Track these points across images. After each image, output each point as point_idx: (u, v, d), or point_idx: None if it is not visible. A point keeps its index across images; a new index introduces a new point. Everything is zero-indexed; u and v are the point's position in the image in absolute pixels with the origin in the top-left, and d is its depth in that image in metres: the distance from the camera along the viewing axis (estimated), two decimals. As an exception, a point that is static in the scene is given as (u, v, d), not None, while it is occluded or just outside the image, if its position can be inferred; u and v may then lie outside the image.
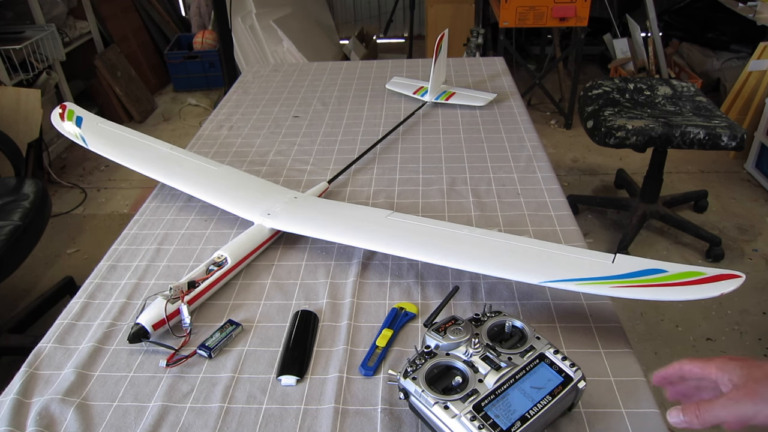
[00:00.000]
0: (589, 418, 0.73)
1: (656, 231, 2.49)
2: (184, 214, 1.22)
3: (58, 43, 3.10)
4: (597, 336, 0.86)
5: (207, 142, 1.54)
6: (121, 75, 3.61)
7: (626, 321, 2.02)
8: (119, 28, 3.84)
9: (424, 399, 0.67)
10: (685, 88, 2.35)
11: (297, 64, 2.10)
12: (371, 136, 1.49)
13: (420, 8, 4.50)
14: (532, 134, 1.47)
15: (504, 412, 0.65)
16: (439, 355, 0.72)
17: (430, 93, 1.68)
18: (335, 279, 1.00)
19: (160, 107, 3.90)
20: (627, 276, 0.84)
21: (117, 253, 1.11)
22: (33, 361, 0.87)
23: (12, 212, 1.67)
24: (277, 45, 3.66)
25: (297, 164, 1.40)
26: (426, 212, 1.17)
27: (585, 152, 3.12)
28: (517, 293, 0.95)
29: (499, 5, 3.03)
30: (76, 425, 0.76)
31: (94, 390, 0.81)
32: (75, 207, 2.82)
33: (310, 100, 1.77)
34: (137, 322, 0.86)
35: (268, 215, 1.09)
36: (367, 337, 0.88)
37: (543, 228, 1.11)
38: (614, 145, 2.06)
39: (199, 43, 3.97)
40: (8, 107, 2.55)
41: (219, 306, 0.96)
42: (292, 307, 0.95)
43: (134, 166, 1.28)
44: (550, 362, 0.71)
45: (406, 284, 0.98)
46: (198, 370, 0.84)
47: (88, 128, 1.41)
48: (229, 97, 1.83)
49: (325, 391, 0.79)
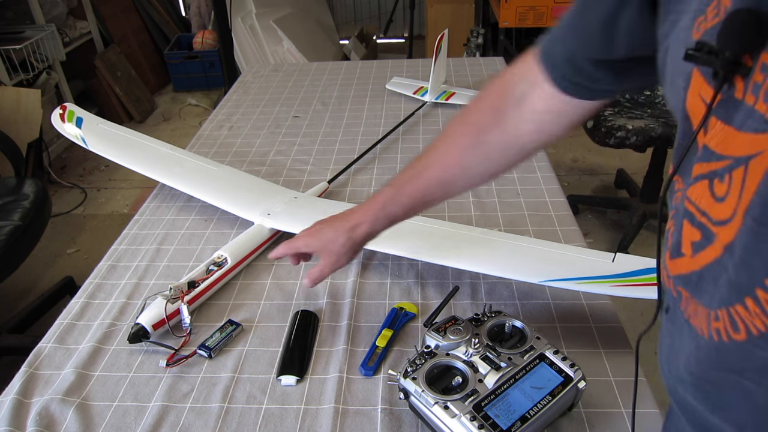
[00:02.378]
0: (589, 418, 0.73)
1: (656, 231, 2.49)
2: (184, 214, 1.22)
3: (58, 43, 3.09)
4: (597, 336, 0.86)
5: (207, 142, 1.54)
6: (121, 75, 3.61)
7: (626, 321, 2.02)
8: (119, 28, 3.84)
9: (424, 399, 0.67)
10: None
11: (297, 64, 2.10)
12: (371, 136, 1.49)
13: (420, 8, 4.50)
14: (532, 134, 1.47)
15: (504, 412, 0.65)
16: (439, 355, 0.72)
17: (430, 93, 1.68)
18: (335, 279, 1.00)
19: (160, 107, 3.90)
20: (627, 275, 0.84)
21: (117, 253, 1.11)
22: (33, 361, 0.87)
23: (12, 212, 1.67)
24: (277, 45, 3.66)
25: (297, 164, 1.40)
26: (426, 212, 1.17)
27: (585, 152, 3.12)
28: (517, 293, 0.95)
29: (499, 5, 3.03)
30: (76, 425, 0.76)
31: (94, 390, 0.81)
32: (75, 207, 2.82)
33: (310, 100, 1.77)
34: (137, 322, 0.86)
35: (268, 215, 1.09)
36: (367, 337, 0.88)
37: (543, 228, 1.11)
38: (614, 145, 2.06)
39: (199, 43, 3.96)
40: (8, 107, 2.55)
41: (219, 306, 0.96)
42: (292, 307, 0.95)
43: (134, 166, 1.28)
44: (550, 362, 0.71)
45: (406, 284, 0.98)
46: (198, 370, 0.84)
47: (88, 129, 1.41)
48: (229, 97, 1.83)
49: (325, 391, 0.79)
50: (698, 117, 0.40)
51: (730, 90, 0.36)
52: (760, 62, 0.34)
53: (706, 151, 0.40)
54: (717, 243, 0.39)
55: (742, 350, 0.38)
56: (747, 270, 0.36)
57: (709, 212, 0.39)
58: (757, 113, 0.34)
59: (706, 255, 0.40)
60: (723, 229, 0.38)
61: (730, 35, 0.35)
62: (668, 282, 0.47)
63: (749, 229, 0.35)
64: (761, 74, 0.34)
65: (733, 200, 0.36)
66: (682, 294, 0.45)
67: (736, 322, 0.37)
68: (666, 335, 0.49)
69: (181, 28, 4.32)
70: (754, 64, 0.34)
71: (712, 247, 0.39)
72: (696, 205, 0.41)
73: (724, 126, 0.38)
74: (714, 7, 0.38)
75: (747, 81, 0.35)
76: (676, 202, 0.46)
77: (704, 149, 0.40)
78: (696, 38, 0.39)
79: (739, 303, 0.37)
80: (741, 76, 0.35)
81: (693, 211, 0.42)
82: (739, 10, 0.35)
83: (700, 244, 0.41)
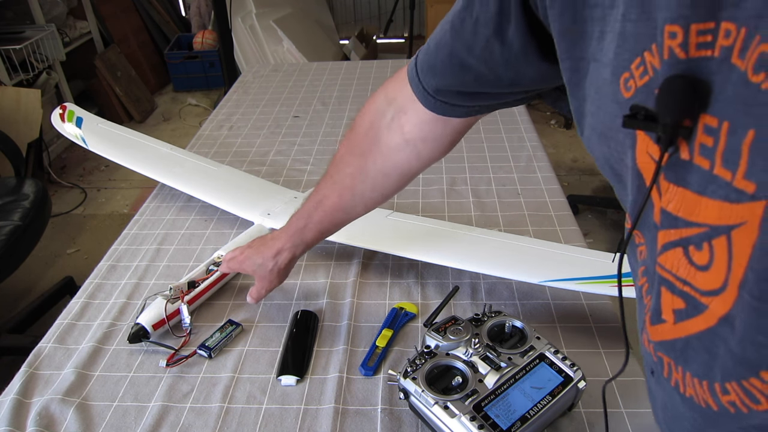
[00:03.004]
0: (589, 418, 0.73)
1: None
2: (184, 214, 1.22)
3: (58, 43, 3.09)
4: (597, 336, 0.86)
5: (207, 142, 1.54)
6: (121, 75, 3.61)
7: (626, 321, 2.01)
8: (119, 28, 3.84)
9: (424, 399, 0.67)
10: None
11: (297, 64, 2.10)
12: (371, 136, 1.49)
13: (420, 8, 4.49)
14: (532, 134, 1.47)
15: (504, 412, 0.65)
16: (439, 355, 0.72)
17: (430, 93, 1.68)
18: (335, 279, 1.00)
19: (160, 107, 3.90)
20: (627, 275, 0.84)
21: (117, 253, 1.11)
22: (33, 361, 0.87)
23: (12, 212, 1.67)
24: (277, 45, 3.66)
25: (297, 164, 1.40)
26: (426, 212, 1.17)
27: (585, 152, 3.12)
28: (517, 293, 0.95)
29: (499, 5, 3.02)
30: (76, 425, 0.76)
31: (94, 390, 0.81)
32: (75, 207, 2.82)
33: (310, 100, 1.77)
34: (137, 322, 0.86)
35: (268, 215, 1.09)
36: (367, 337, 0.88)
37: (543, 228, 1.11)
38: (614, 145, 2.06)
39: (199, 43, 3.96)
40: (8, 107, 2.55)
41: (219, 306, 0.96)
42: (292, 307, 0.95)
43: (134, 166, 1.28)
44: (550, 362, 0.71)
45: (406, 284, 0.98)
46: (198, 370, 0.84)
47: (88, 129, 1.41)
48: (229, 97, 1.83)
49: (325, 391, 0.79)
50: (650, 174, 0.39)
51: (675, 153, 0.36)
52: (702, 124, 0.34)
53: (669, 216, 0.39)
54: (709, 313, 0.37)
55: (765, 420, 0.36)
56: (755, 346, 0.34)
57: (693, 282, 0.38)
58: (721, 180, 0.33)
59: (695, 324, 0.39)
60: (715, 299, 0.36)
61: (668, 102, 0.35)
62: (648, 346, 0.46)
63: (748, 305, 0.34)
64: (708, 137, 0.33)
65: (722, 270, 0.35)
66: (663, 360, 0.43)
67: (755, 395, 0.36)
68: (657, 396, 0.47)
69: (181, 28, 4.32)
70: (694, 127, 0.34)
71: (703, 317, 0.38)
72: (673, 273, 0.40)
73: (678, 188, 0.37)
74: (638, 65, 0.38)
75: (691, 143, 0.35)
76: (642, 258, 0.46)
77: (664, 214, 0.39)
78: (627, 97, 0.39)
79: (753, 377, 0.35)
80: (683, 139, 0.35)
81: (671, 279, 0.40)
82: (674, 77, 0.34)
83: (685, 313, 0.40)
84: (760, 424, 0.37)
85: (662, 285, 0.42)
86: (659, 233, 0.41)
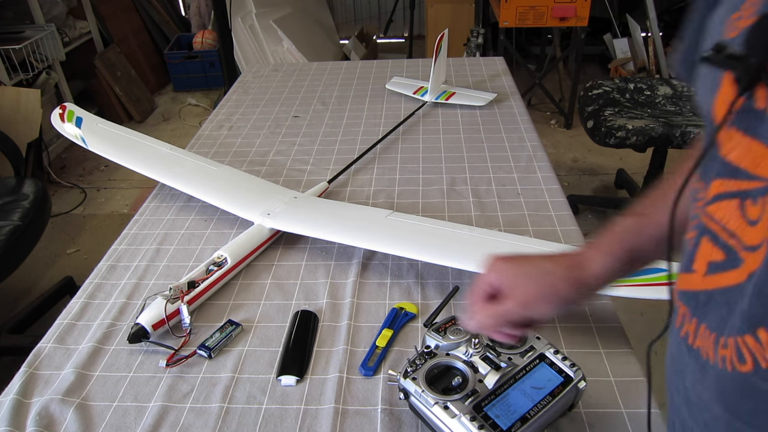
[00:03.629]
0: (589, 418, 0.73)
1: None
2: (184, 214, 1.22)
3: (58, 43, 3.09)
4: (597, 336, 0.86)
5: (207, 142, 1.54)
6: (121, 75, 3.60)
7: (626, 321, 2.02)
8: (119, 28, 3.84)
9: (424, 399, 0.67)
10: (686, 88, 2.35)
11: (297, 64, 2.10)
12: (371, 136, 1.49)
13: (420, 8, 4.50)
14: (532, 134, 1.47)
15: (504, 412, 0.65)
16: (439, 355, 0.72)
17: (430, 93, 1.68)
18: (335, 279, 1.00)
19: (160, 107, 3.90)
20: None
21: (117, 253, 1.11)
22: (33, 361, 0.87)
23: (12, 212, 1.67)
24: (277, 45, 3.66)
25: (297, 164, 1.40)
26: (426, 212, 1.17)
27: (585, 152, 3.12)
28: (517, 293, 0.94)
29: (499, 5, 3.02)
30: (76, 425, 0.76)
31: (94, 390, 0.81)
32: (75, 207, 2.82)
33: (310, 100, 1.77)
34: (137, 322, 0.86)
35: (268, 215, 1.09)
36: (367, 337, 0.88)
37: (543, 228, 1.11)
38: (614, 145, 2.06)
39: (199, 43, 3.96)
40: (8, 107, 2.55)
41: (219, 306, 0.96)
42: (292, 307, 0.95)
43: (134, 166, 1.28)
44: (550, 362, 0.71)
45: (406, 284, 0.98)
46: (198, 370, 0.84)
47: (88, 129, 1.41)
48: (229, 97, 1.83)
49: (325, 391, 0.79)
50: None
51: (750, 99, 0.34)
52: None
53: (730, 167, 0.37)
54: (743, 268, 0.36)
55: (744, 384, 0.36)
56: (761, 300, 0.34)
57: (741, 235, 0.37)
58: None
59: (727, 278, 0.38)
60: (751, 255, 0.35)
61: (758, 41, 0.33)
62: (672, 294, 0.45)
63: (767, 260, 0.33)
64: None
65: (764, 227, 0.34)
66: (680, 308, 0.42)
67: (743, 353, 0.35)
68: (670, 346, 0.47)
69: (181, 28, 4.32)
70: None
71: (738, 271, 0.37)
72: (722, 224, 0.38)
73: (745, 138, 0.35)
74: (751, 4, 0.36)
75: None
76: (696, 211, 0.43)
77: (724, 163, 0.38)
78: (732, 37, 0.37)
79: (748, 334, 0.35)
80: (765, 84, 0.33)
81: (716, 230, 0.39)
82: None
83: (720, 265, 0.38)
84: (736, 387, 0.36)
85: (705, 235, 0.40)
86: (714, 182, 0.39)
